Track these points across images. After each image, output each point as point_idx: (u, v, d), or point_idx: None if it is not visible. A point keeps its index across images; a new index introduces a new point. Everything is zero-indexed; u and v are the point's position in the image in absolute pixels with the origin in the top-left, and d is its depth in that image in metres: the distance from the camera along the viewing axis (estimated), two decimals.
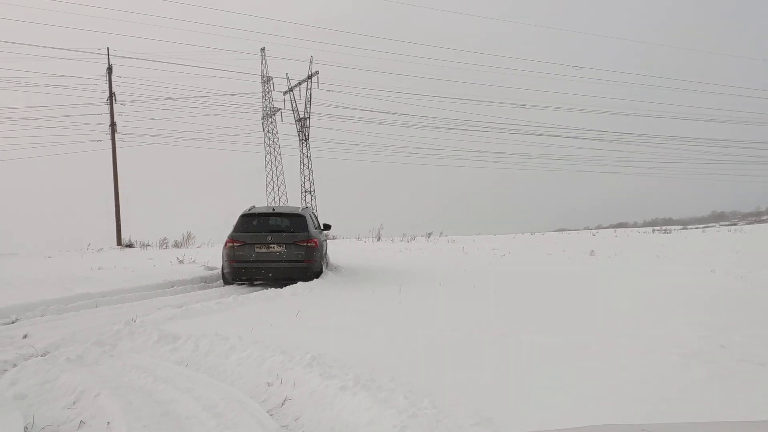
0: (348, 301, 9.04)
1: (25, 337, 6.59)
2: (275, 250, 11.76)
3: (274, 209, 13.51)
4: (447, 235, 35.01)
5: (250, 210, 12.81)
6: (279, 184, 49.12)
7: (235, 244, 11.78)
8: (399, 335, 6.08)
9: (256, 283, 12.29)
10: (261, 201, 47.13)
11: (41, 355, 5.67)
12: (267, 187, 49.19)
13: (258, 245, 11.75)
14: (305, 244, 11.88)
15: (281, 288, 10.41)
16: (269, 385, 4.46)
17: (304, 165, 48.06)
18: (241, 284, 12.13)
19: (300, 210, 13.26)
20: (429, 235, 33.95)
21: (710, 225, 59.76)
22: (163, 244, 26.40)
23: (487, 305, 8.26)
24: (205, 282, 12.47)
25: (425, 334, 6.09)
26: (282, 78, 47.71)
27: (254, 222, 12.37)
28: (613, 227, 62.05)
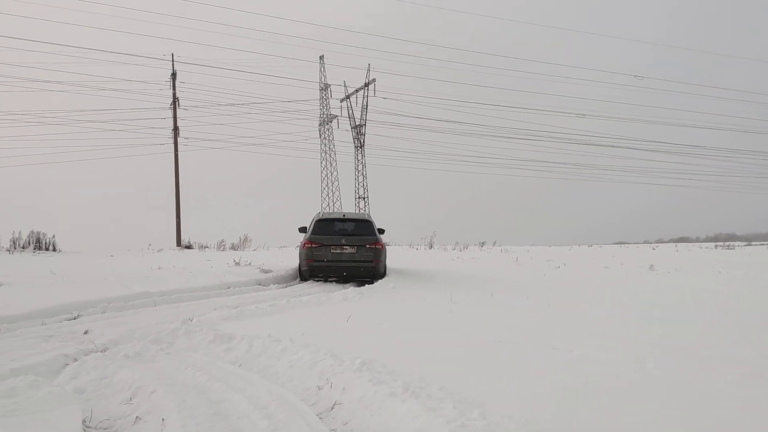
0: (398, 307, 9.04)
1: (85, 332, 6.81)
2: (348, 251, 13.18)
3: (344, 215, 14.86)
4: (501, 245, 34.69)
5: (322, 216, 14.42)
6: (334, 189, 49.50)
7: (312, 246, 13.20)
8: (449, 344, 6.04)
9: (330, 279, 13.70)
10: (316, 206, 47.63)
11: (101, 351, 5.84)
12: (322, 192, 49.65)
13: (333, 246, 13.16)
14: (374, 246, 13.34)
15: (332, 293, 10.51)
16: (319, 388, 4.49)
17: (358, 171, 48.33)
18: (317, 281, 13.54)
19: (366, 216, 15.18)
20: (482, 244, 33.70)
21: None
22: (220, 246, 27.01)
23: (539, 317, 8.13)
24: (260, 284, 12.66)
25: (476, 344, 6.03)
26: (339, 85, 48.17)
27: (328, 226, 13.81)
28: (673, 241, 60.18)
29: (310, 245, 13.22)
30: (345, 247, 13.17)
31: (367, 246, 13.26)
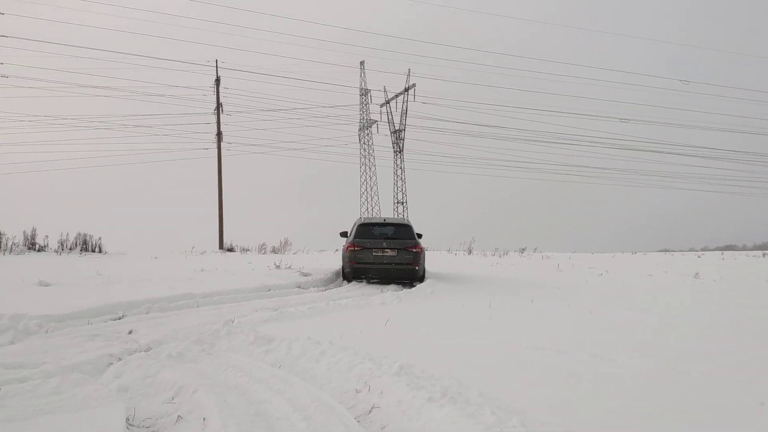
0: (437, 312, 9.01)
1: (130, 332, 6.94)
2: (389, 254, 13.73)
3: (385, 219, 15.45)
4: (541, 252, 34.28)
5: (364, 220, 15.09)
6: (372, 194, 49.68)
7: (355, 248, 13.75)
8: (488, 350, 6.00)
9: (371, 282, 14.11)
10: (355, 211, 47.86)
11: (144, 351, 5.95)
12: (361, 197, 49.86)
13: (375, 249, 13.73)
14: (413, 249, 13.84)
15: (371, 297, 10.54)
16: (357, 391, 4.50)
17: (397, 176, 48.40)
18: (359, 282, 13.97)
19: (406, 220, 15.93)
20: (522, 250, 33.33)
21: None
22: (261, 249, 27.29)
23: (580, 325, 8.01)
24: (299, 287, 12.76)
25: (515, 351, 5.98)
26: (379, 90, 48.31)
27: (370, 230, 14.44)
28: (720, 249, 58.62)
29: (353, 248, 13.74)
30: (386, 250, 13.70)
31: (408, 249, 13.77)
